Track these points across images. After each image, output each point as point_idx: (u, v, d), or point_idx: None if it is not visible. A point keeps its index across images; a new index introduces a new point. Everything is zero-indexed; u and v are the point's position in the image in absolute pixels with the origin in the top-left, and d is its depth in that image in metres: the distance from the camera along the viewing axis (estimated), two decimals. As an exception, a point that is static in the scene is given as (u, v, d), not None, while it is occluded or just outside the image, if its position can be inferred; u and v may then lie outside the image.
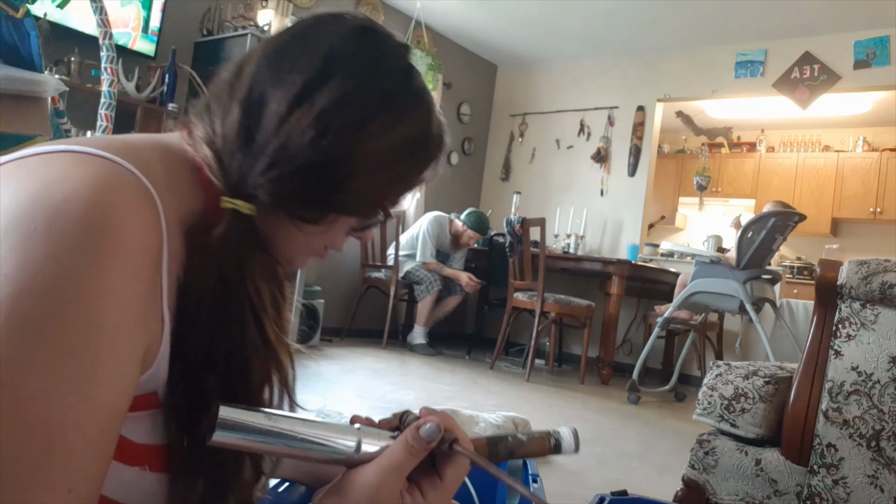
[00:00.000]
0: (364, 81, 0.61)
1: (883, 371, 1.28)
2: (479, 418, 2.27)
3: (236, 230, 0.58)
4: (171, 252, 0.54)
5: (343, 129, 0.59)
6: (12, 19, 1.72)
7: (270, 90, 0.59)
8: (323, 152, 0.58)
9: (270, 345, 0.62)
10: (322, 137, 0.58)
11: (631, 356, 5.17)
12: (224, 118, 0.60)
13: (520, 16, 5.22)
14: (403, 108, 0.63)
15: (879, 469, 1.27)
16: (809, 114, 5.62)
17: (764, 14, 4.63)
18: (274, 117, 0.58)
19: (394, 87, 0.63)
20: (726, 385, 1.50)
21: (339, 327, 4.86)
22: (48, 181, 0.48)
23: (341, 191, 0.60)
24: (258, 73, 0.61)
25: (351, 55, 0.61)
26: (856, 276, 1.32)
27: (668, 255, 5.57)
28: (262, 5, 4.22)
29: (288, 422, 0.55)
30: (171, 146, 0.61)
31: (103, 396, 0.47)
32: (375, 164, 0.61)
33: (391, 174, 0.63)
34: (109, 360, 0.47)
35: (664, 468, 2.33)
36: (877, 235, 6.72)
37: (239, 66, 0.63)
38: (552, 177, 6.01)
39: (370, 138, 0.60)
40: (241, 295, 0.59)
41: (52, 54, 3.22)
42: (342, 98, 0.59)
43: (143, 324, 0.51)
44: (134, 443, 0.55)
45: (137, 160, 0.53)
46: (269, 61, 0.61)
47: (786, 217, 3.53)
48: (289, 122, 0.58)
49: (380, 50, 0.64)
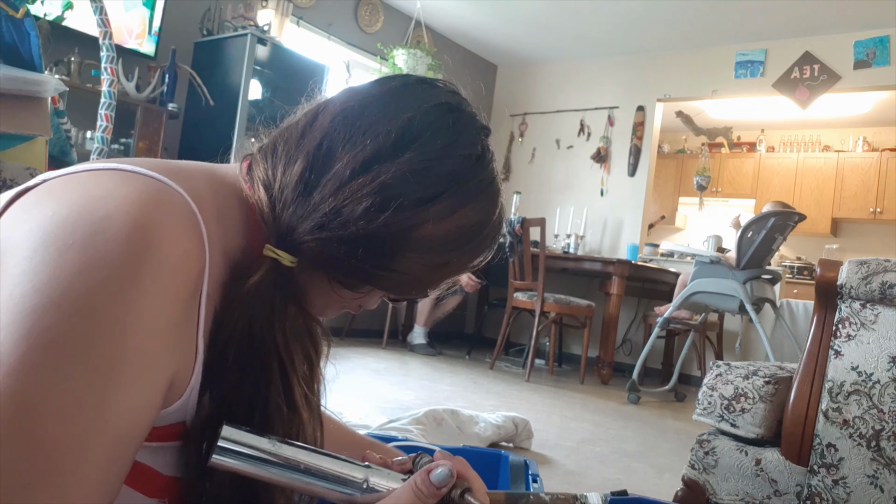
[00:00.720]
0: (435, 162, 0.58)
1: (883, 371, 1.28)
2: (479, 418, 2.27)
3: (273, 280, 0.56)
4: (212, 281, 0.53)
5: (401, 207, 0.56)
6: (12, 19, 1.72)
7: (339, 149, 0.57)
8: (376, 226, 0.55)
9: (295, 406, 0.58)
10: (378, 210, 0.55)
11: (631, 356, 5.17)
12: (287, 165, 0.58)
13: (520, 16, 5.22)
14: (469, 195, 0.60)
15: (879, 469, 1.27)
16: (809, 114, 5.63)
17: (764, 14, 4.63)
18: (336, 178, 0.56)
19: (464, 172, 0.59)
20: (726, 385, 1.50)
21: (339, 327, 4.86)
22: (92, 197, 0.47)
23: (384, 268, 0.58)
24: (332, 128, 0.58)
25: (429, 132, 0.58)
26: (856, 276, 1.32)
27: (668, 255, 5.57)
28: (262, 5, 4.22)
29: (292, 451, 0.53)
30: (225, 178, 0.60)
31: (117, 421, 0.45)
32: (427, 247, 0.58)
33: (441, 259, 0.60)
34: (129, 385, 0.45)
35: (664, 468, 2.33)
36: (877, 235, 6.72)
37: (315, 114, 0.61)
38: (552, 177, 6.01)
39: (428, 221, 0.57)
40: (268, 347, 0.56)
41: (52, 54, 3.22)
42: (409, 175, 0.56)
43: (172, 350, 0.49)
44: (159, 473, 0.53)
45: (187, 184, 0.52)
46: (347, 118, 0.59)
47: (786, 217, 3.53)
48: (349, 187, 0.55)
49: (459, 131, 0.61)
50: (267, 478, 0.53)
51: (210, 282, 0.53)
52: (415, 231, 0.57)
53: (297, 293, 0.59)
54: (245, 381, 0.55)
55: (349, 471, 0.54)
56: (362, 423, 2.11)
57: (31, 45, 1.77)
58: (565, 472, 2.12)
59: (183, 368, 0.51)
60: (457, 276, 0.64)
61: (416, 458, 0.59)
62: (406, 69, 4.88)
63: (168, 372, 0.49)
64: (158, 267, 0.47)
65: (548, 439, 2.51)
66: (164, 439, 0.52)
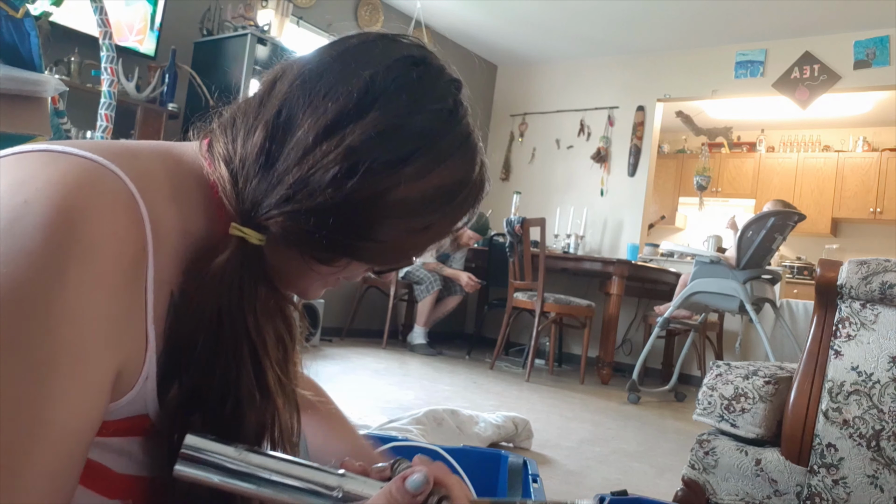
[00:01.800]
0: (404, 119, 0.54)
1: (883, 371, 1.28)
2: (479, 418, 2.27)
3: (241, 260, 0.53)
4: (162, 266, 0.50)
5: (372, 171, 0.52)
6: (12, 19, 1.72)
7: (300, 115, 0.54)
8: (346, 193, 0.52)
9: (268, 392, 0.55)
10: (348, 177, 0.52)
11: (631, 356, 5.17)
12: (246, 137, 0.55)
13: (520, 16, 5.22)
14: (444, 152, 0.56)
15: (879, 469, 1.27)
16: (809, 114, 5.63)
17: (764, 14, 4.63)
18: (298, 146, 0.53)
19: (436, 128, 0.56)
20: (726, 385, 1.50)
21: (339, 327, 4.86)
22: (13, 181, 0.44)
23: (361, 238, 0.54)
24: (290, 94, 0.55)
25: (394, 88, 0.55)
26: (856, 276, 1.32)
27: (668, 255, 5.57)
28: (262, 5, 4.22)
29: (260, 459, 0.50)
30: (183, 157, 0.57)
31: (59, 419, 0.42)
32: (404, 212, 0.55)
33: (420, 223, 0.56)
34: (67, 380, 0.42)
35: (664, 468, 2.33)
36: (877, 235, 6.72)
37: (272, 82, 0.57)
38: (552, 177, 6.01)
39: (402, 183, 0.53)
40: (238, 330, 0.53)
41: (52, 54, 3.22)
42: (377, 136, 0.53)
43: (112, 340, 0.46)
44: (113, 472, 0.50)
45: (131, 165, 0.49)
46: (305, 82, 0.55)
47: (785, 217, 3.53)
48: (314, 154, 0.52)
49: (427, 85, 0.57)
50: (234, 488, 0.50)
51: (161, 266, 0.50)
52: (388, 195, 0.53)
53: (268, 272, 0.56)
54: (215, 368, 0.52)
55: (322, 479, 0.51)
56: (362, 423, 2.11)
57: (31, 45, 1.77)
58: (565, 472, 2.12)
59: (130, 359, 0.48)
60: (440, 240, 0.60)
61: (394, 464, 0.57)
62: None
63: (111, 364, 0.46)
64: (84, 254, 0.43)
65: (548, 439, 2.51)
66: (122, 434, 0.50)
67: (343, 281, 0.63)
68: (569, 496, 1.87)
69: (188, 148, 0.58)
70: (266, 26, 4.06)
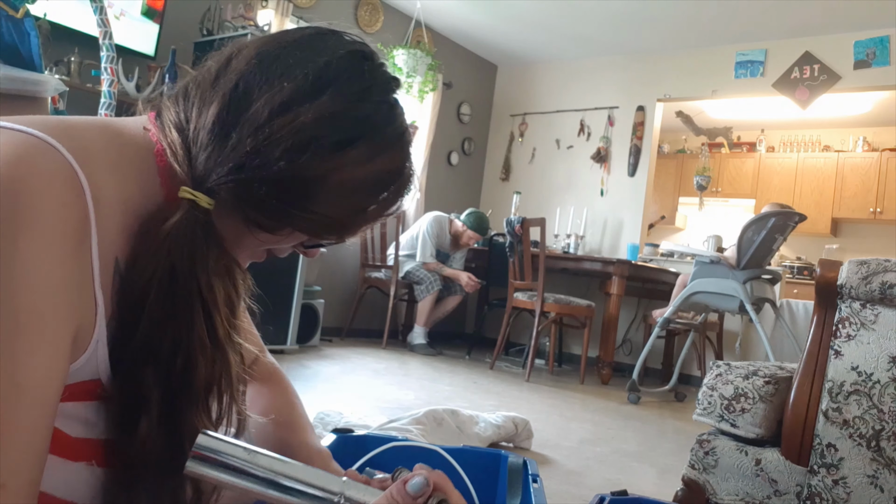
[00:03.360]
0: (353, 105, 0.59)
1: (883, 371, 1.28)
2: (479, 418, 2.27)
3: (192, 222, 0.56)
4: (105, 234, 0.52)
5: (322, 148, 0.57)
6: (12, 19, 1.72)
7: (256, 90, 0.57)
8: (296, 167, 0.56)
9: (219, 343, 0.58)
10: (299, 151, 0.56)
11: (631, 356, 5.17)
12: (202, 108, 0.58)
13: (520, 16, 5.22)
14: (385, 142, 0.61)
15: (879, 469, 1.27)
16: (809, 114, 5.63)
17: (764, 14, 4.63)
18: (254, 118, 0.56)
19: (380, 119, 0.61)
20: (726, 385, 1.50)
21: (339, 327, 4.86)
22: None
23: (305, 210, 0.58)
24: (248, 70, 0.58)
25: (346, 76, 0.59)
26: (856, 276, 1.32)
27: (668, 255, 5.57)
28: (262, 5, 4.22)
29: (268, 461, 0.52)
30: (124, 130, 0.59)
31: (31, 384, 0.44)
32: (346, 191, 0.59)
33: (358, 204, 0.62)
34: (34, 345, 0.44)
35: (664, 468, 2.33)
36: (877, 235, 6.72)
37: (228, 58, 0.61)
38: (552, 177, 6.01)
39: (347, 164, 0.58)
40: (190, 288, 0.56)
41: (52, 54, 3.22)
42: (327, 116, 0.57)
43: (68, 305, 0.48)
44: (69, 436, 0.52)
45: (68, 137, 0.51)
46: (262, 62, 0.59)
47: (786, 217, 3.53)
48: (268, 128, 0.55)
49: (373, 78, 0.62)
50: (240, 486, 0.52)
51: (104, 234, 0.52)
52: (334, 174, 0.58)
53: (218, 234, 0.59)
54: (168, 323, 0.54)
55: (325, 483, 0.53)
56: (362, 423, 2.11)
57: (31, 45, 1.77)
58: (565, 472, 2.12)
59: (84, 322, 0.50)
60: (372, 223, 0.65)
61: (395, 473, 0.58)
62: (406, 69, 4.88)
63: (69, 327, 0.48)
64: (32, 224, 0.45)
65: (548, 439, 2.51)
66: (75, 398, 0.51)
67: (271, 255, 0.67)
68: (569, 496, 1.87)
69: (129, 121, 0.61)
70: (266, 26, 4.06)
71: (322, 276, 4.62)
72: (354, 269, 5.04)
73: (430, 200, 5.59)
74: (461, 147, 6.20)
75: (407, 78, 4.92)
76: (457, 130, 6.12)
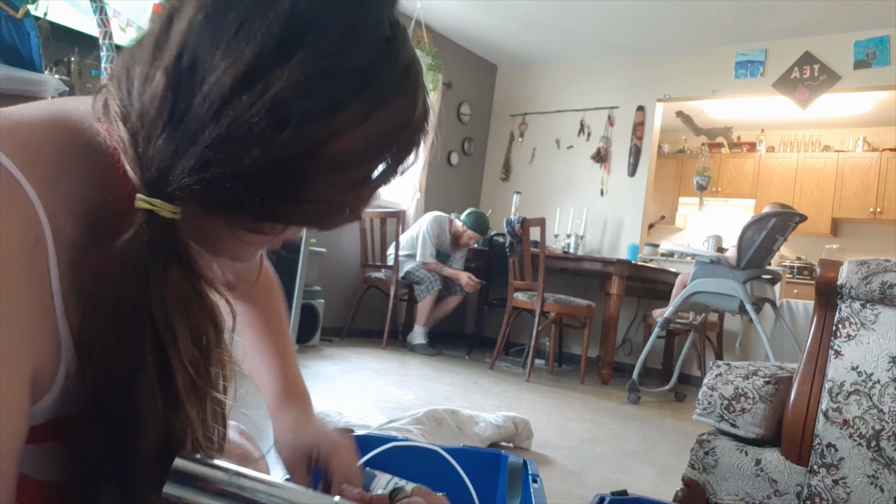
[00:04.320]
0: (336, 58, 0.45)
1: (883, 371, 1.28)
2: (479, 418, 2.27)
3: (148, 238, 0.45)
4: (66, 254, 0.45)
5: (304, 122, 0.44)
6: (12, 19, 1.72)
7: (208, 58, 0.44)
8: (275, 151, 0.44)
9: (176, 398, 0.46)
10: (276, 131, 0.44)
11: (631, 356, 5.17)
12: (143, 88, 0.45)
13: (520, 16, 5.22)
14: (383, 92, 0.48)
15: (879, 469, 1.27)
16: (809, 114, 5.62)
17: (764, 14, 4.63)
18: (212, 98, 0.43)
19: (374, 64, 0.47)
20: (726, 385, 1.50)
21: (339, 327, 4.86)
22: None
23: (296, 200, 0.47)
24: (191, 31, 0.45)
25: (322, 19, 0.45)
26: (856, 276, 1.32)
27: (668, 255, 5.57)
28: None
29: (251, 483, 0.47)
30: (72, 121, 0.48)
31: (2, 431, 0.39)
32: (342, 165, 0.47)
33: (360, 175, 0.50)
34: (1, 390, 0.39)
35: (664, 468, 2.33)
36: (877, 235, 6.72)
37: (169, 16, 0.46)
38: (552, 177, 6.01)
39: (340, 132, 0.46)
40: (139, 323, 0.45)
41: (52, 54, 3.22)
42: (306, 80, 0.44)
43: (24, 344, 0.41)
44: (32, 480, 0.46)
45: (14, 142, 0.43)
46: (209, 16, 0.45)
47: (786, 217, 3.53)
48: (232, 108, 0.43)
49: (358, 8, 0.47)
50: None
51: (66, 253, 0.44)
52: (324, 148, 0.46)
53: (183, 251, 0.47)
54: (115, 368, 0.44)
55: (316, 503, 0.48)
56: (362, 422, 2.11)
57: (31, 45, 1.77)
58: (565, 472, 2.12)
59: (44, 359, 0.43)
60: (382, 186, 0.53)
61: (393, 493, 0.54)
62: (406, 69, 4.88)
63: (28, 367, 0.41)
64: None
65: (548, 439, 2.51)
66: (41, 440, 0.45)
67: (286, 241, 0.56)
68: (569, 496, 1.87)
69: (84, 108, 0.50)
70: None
71: (322, 276, 4.62)
72: (354, 269, 5.04)
73: (430, 200, 5.59)
74: (461, 147, 6.20)
75: (407, 78, 4.92)
76: (457, 130, 6.12)
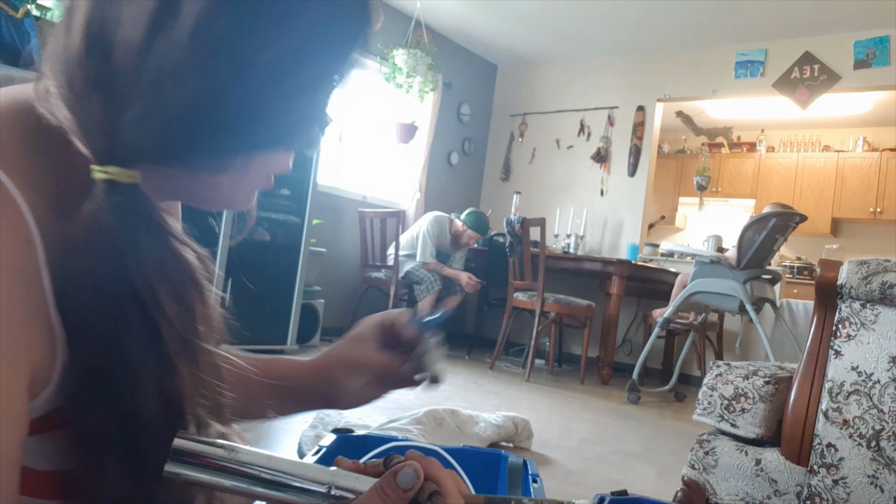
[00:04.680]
0: None
1: (883, 371, 1.28)
2: (479, 418, 2.27)
3: (111, 207, 0.44)
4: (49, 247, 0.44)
5: (230, 43, 0.42)
6: (12, 19, 1.72)
7: (114, 12, 0.42)
8: (210, 82, 0.42)
9: (167, 358, 0.46)
10: (203, 62, 0.42)
11: (631, 356, 5.17)
12: (66, 57, 0.44)
13: (520, 16, 5.22)
14: None
15: (879, 469, 1.27)
16: (809, 114, 5.62)
17: (764, 14, 4.63)
18: (130, 52, 0.42)
19: None
20: (726, 385, 1.50)
21: (340, 327, 4.86)
22: None
23: (249, 127, 0.45)
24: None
25: None
26: (856, 276, 1.32)
27: (668, 255, 5.57)
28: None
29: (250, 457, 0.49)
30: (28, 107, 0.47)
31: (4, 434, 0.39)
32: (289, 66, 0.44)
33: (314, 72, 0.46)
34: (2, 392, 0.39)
35: (664, 468, 2.33)
36: (877, 235, 6.72)
37: None
38: (552, 177, 6.01)
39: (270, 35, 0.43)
40: (120, 292, 0.44)
41: (52, 54, 3.22)
42: None
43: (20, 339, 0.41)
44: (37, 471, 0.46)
45: None
46: None
47: (786, 217, 3.53)
48: (153, 55, 0.41)
49: None
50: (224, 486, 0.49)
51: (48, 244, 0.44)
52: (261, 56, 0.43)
53: (149, 213, 0.46)
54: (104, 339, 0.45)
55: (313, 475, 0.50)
56: (362, 423, 2.11)
57: (31, 46, 1.77)
58: (565, 472, 2.12)
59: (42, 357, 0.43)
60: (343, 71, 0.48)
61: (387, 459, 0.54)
62: (406, 69, 4.88)
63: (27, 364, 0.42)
64: None
65: (548, 439, 2.51)
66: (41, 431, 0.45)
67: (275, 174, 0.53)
68: (569, 496, 1.87)
69: None
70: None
71: (322, 276, 4.62)
72: (354, 269, 5.04)
73: (430, 200, 5.59)
74: (461, 147, 6.20)
75: (407, 78, 4.92)
76: (457, 130, 6.12)
